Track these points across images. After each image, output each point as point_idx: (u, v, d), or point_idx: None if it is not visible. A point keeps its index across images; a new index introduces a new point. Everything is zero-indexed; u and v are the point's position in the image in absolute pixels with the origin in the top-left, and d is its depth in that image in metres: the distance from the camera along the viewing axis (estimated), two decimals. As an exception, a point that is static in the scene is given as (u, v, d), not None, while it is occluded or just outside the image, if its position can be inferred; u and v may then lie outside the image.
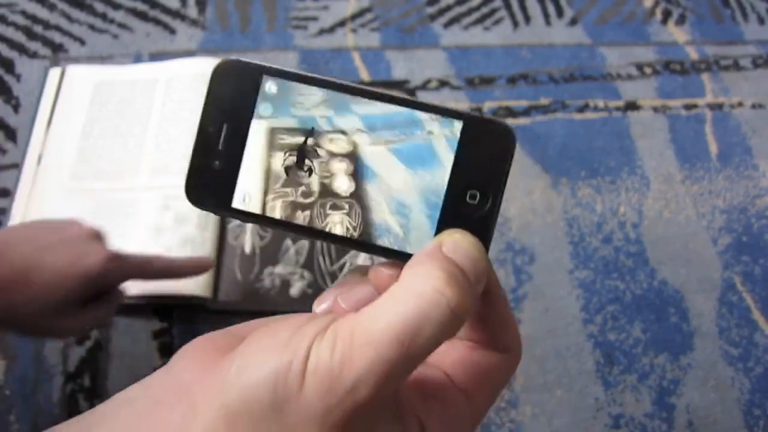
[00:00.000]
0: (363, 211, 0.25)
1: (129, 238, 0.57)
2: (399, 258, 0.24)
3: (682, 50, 0.79)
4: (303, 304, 0.57)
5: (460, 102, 0.72)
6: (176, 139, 0.62)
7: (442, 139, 0.25)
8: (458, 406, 0.24)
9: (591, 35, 0.79)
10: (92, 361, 0.55)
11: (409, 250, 0.25)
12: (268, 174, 0.26)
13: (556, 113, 0.73)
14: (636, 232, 0.67)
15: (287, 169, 0.26)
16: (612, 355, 0.60)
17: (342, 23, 0.77)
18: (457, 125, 0.24)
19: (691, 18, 0.82)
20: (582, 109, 0.74)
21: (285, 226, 0.26)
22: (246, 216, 0.25)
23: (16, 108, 0.66)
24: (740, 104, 0.76)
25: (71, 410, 0.53)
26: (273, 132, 0.26)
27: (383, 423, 0.21)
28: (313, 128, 0.25)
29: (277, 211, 0.26)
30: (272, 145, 0.26)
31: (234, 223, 0.60)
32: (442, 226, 0.24)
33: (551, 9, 0.81)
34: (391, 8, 0.79)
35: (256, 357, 0.20)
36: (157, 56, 0.71)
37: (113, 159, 0.62)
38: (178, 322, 0.57)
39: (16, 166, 0.62)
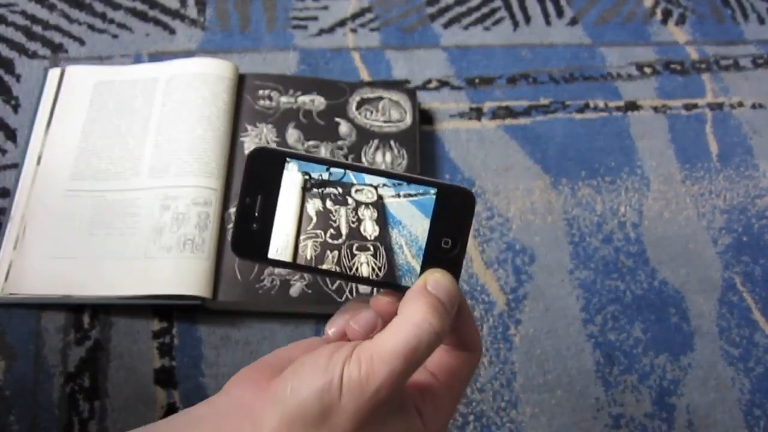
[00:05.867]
0: (386, 252, 0.32)
1: (129, 239, 0.57)
2: (395, 289, 0.32)
3: (682, 50, 0.79)
4: (303, 304, 0.57)
5: (461, 102, 0.72)
6: (176, 139, 0.62)
7: (431, 198, 0.32)
8: (443, 395, 0.32)
9: (591, 35, 0.79)
10: (92, 361, 0.55)
11: (404, 284, 0.32)
12: (301, 218, 0.32)
13: (556, 113, 0.73)
14: (636, 232, 0.67)
15: (318, 214, 0.32)
16: (612, 355, 0.60)
17: (342, 23, 0.77)
18: (433, 191, 0.31)
19: (691, 18, 0.82)
20: (582, 109, 0.74)
21: (314, 271, 0.32)
22: (279, 264, 0.32)
23: (15, 108, 0.66)
24: (740, 104, 0.76)
25: (71, 410, 0.53)
26: (307, 182, 0.32)
27: (394, 413, 0.30)
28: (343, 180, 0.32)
29: (308, 251, 0.32)
30: (307, 194, 0.32)
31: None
32: (425, 265, 0.31)
33: (551, 9, 0.81)
34: (391, 8, 0.79)
35: (305, 379, 0.28)
36: (156, 56, 0.71)
37: (113, 159, 0.62)
38: (178, 322, 0.57)
39: (16, 166, 0.62)
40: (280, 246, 0.32)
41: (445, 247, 0.31)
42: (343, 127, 0.66)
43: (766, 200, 0.70)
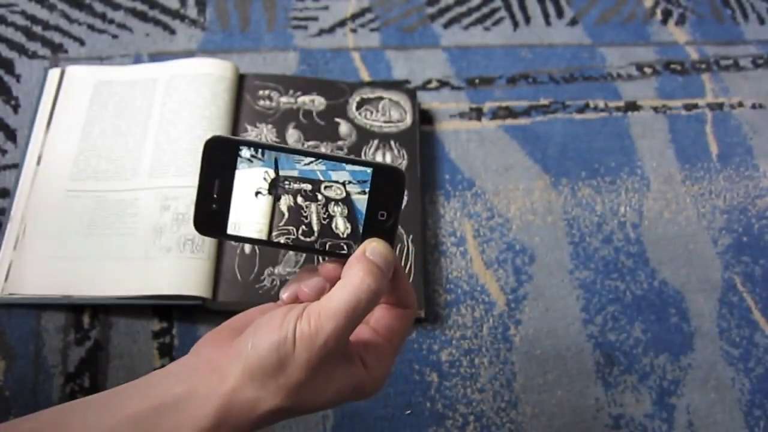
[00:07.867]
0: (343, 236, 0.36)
1: (129, 239, 0.57)
2: (341, 257, 0.36)
3: (682, 50, 0.79)
4: (303, 304, 0.57)
5: (461, 102, 0.72)
6: (176, 139, 0.62)
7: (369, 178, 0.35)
8: (384, 347, 0.37)
9: (591, 35, 0.79)
10: (92, 361, 0.55)
11: (348, 253, 0.36)
12: (273, 214, 0.35)
13: (556, 113, 0.73)
14: (636, 232, 0.67)
15: (290, 209, 0.35)
16: (612, 355, 0.60)
17: (342, 23, 0.77)
18: (369, 170, 0.35)
19: (691, 18, 0.82)
20: (582, 109, 0.74)
21: (268, 244, 0.36)
22: (237, 238, 0.36)
23: (15, 108, 0.66)
24: (740, 104, 0.76)
25: (71, 410, 0.53)
26: (278, 180, 0.35)
27: (341, 362, 0.34)
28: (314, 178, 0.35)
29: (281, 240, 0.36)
30: (278, 191, 0.35)
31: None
32: (364, 234, 0.36)
33: (551, 9, 0.81)
34: (391, 8, 0.79)
35: (263, 336, 0.32)
36: (156, 56, 0.71)
37: (113, 159, 0.62)
38: (178, 322, 0.57)
39: (16, 166, 0.62)
40: (237, 223, 0.35)
41: (381, 219, 0.35)
42: (343, 128, 0.66)
43: (766, 200, 0.70)
